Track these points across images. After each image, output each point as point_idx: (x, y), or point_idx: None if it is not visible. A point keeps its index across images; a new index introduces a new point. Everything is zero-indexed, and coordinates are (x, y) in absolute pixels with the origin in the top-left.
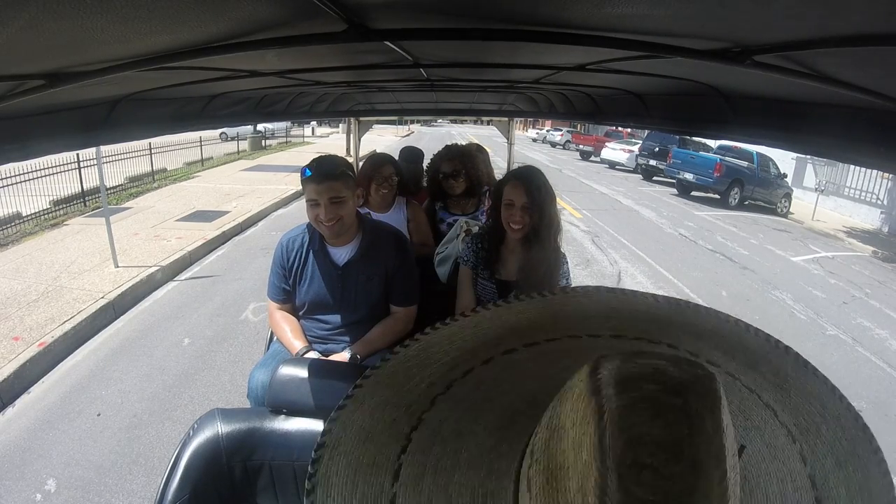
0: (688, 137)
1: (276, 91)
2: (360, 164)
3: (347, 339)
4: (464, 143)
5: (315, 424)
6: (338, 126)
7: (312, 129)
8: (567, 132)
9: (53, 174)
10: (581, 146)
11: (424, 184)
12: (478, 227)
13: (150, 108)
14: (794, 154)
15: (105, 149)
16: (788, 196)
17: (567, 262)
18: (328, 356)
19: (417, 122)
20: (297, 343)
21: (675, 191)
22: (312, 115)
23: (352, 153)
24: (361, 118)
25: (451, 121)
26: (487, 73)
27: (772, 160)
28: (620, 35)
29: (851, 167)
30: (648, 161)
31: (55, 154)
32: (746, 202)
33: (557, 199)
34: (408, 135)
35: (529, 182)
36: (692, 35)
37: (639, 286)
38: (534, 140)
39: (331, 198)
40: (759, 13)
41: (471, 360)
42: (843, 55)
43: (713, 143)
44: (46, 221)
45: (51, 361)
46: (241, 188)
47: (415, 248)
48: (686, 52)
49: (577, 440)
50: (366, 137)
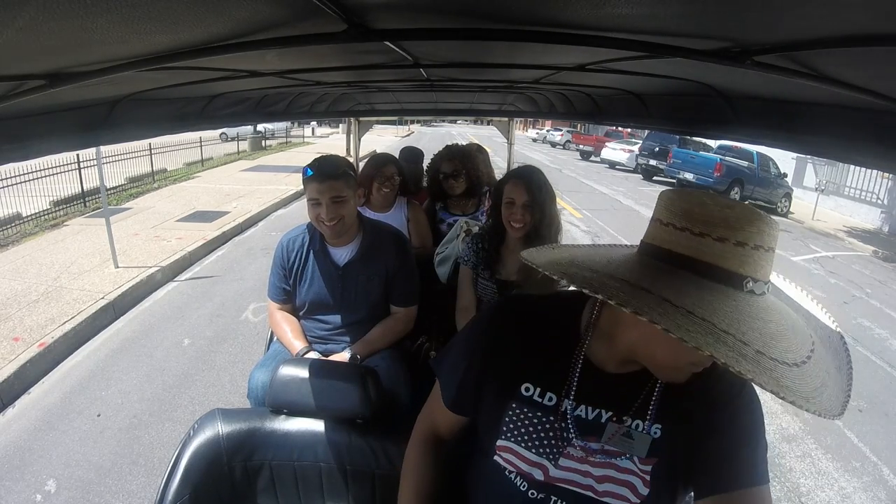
0: (688, 137)
1: (277, 91)
2: (361, 164)
3: (347, 340)
4: (464, 144)
5: (315, 424)
6: (338, 126)
7: (312, 130)
8: (567, 132)
9: (53, 175)
10: (581, 146)
11: (424, 184)
12: (478, 228)
13: (151, 108)
14: (794, 154)
15: (105, 149)
16: (789, 196)
17: None
18: (328, 356)
19: (417, 123)
20: (298, 343)
21: None
22: (312, 116)
23: (352, 153)
24: (361, 118)
25: (451, 121)
26: (487, 74)
27: (772, 160)
28: (620, 35)
29: (851, 167)
30: (648, 161)
31: (55, 154)
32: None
33: (557, 199)
34: (408, 135)
35: (530, 181)
36: (692, 35)
37: None
38: (534, 140)
39: (332, 197)
40: (759, 13)
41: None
42: (843, 55)
43: (713, 143)
44: (46, 222)
45: (51, 362)
46: (242, 188)
47: (414, 249)
48: (686, 53)
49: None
50: (365, 138)
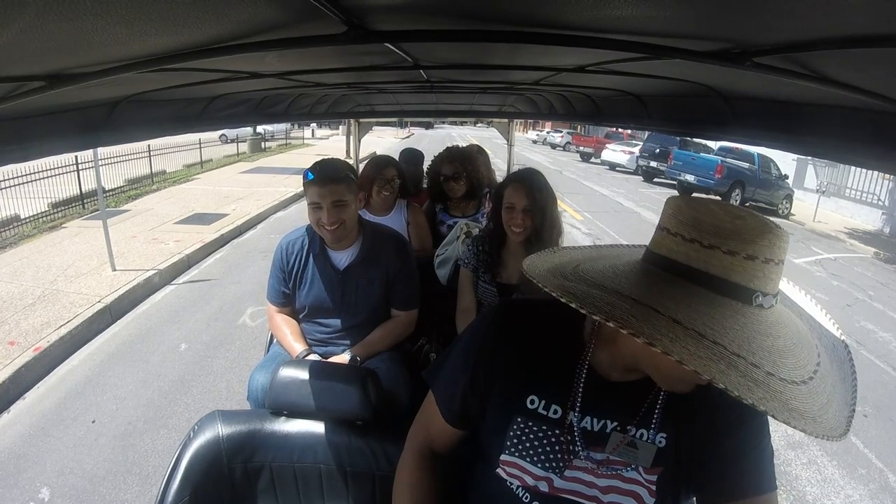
0: (688, 139)
1: (277, 92)
2: (361, 167)
3: (347, 342)
4: (464, 145)
5: (315, 426)
6: (338, 128)
7: (312, 131)
8: (567, 134)
9: (52, 176)
10: (581, 148)
11: (425, 185)
12: (478, 229)
13: (151, 110)
14: (795, 155)
15: (104, 151)
16: (790, 197)
17: None
18: (328, 358)
19: (421, 126)
20: (298, 346)
21: (677, 192)
22: (313, 117)
23: (352, 155)
24: (361, 120)
25: (452, 122)
26: (487, 75)
27: (773, 161)
28: (620, 36)
29: (852, 168)
30: (649, 163)
31: (56, 155)
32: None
33: (559, 202)
34: (408, 136)
35: (530, 184)
36: (691, 36)
37: None
38: (534, 142)
39: (333, 201)
40: (759, 15)
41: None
42: (842, 56)
43: (714, 145)
44: (44, 224)
45: (46, 366)
46: (241, 190)
47: (413, 252)
48: (685, 54)
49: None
50: (365, 139)
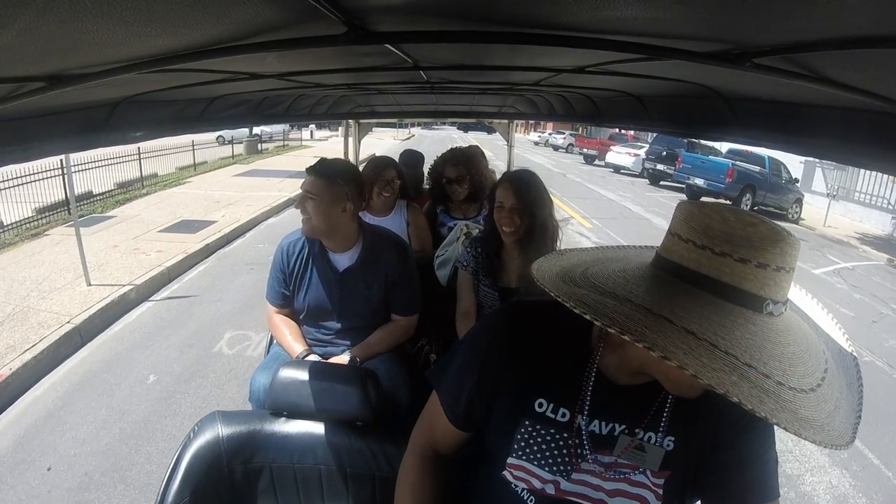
0: (695, 141)
1: (277, 93)
2: (361, 168)
3: (347, 343)
4: (466, 146)
5: (315, 427)
6: (337, 129)
7: (311, 133)
8: (570, 135)
9: (39, 180)
10: (585, 150)
11: (426, 186)
12: (478, 230)
13: (151, 110)
14: (803, 157)
15: (95, 153)
16: (800, 201)
17: None
18: (328, 359)
19: (418, 126)
20: (298, 346)
21: (685, 196)
22: (312, 118)
23: (351, 157)
24: (362, 120)
25: (452, 123)
26: (487, 76)
27: (783, 164)
28: (620, 37)
29: (861, 171)
30: (655, 165)
31: (55, 156)
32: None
33: (566, 207)
34: (408, 138)
35: (518, 184)
36: (691, 37)
37: None
38: (536, 143)
39: (306, 191)
40: (759, 15)
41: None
42: (843, 57)
43: (722, 147)
44: (27, 231)
45: (7, 398)
46: (232, 195)
47: (413, 253)
48: (685, 55)
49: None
50: (364, 141)
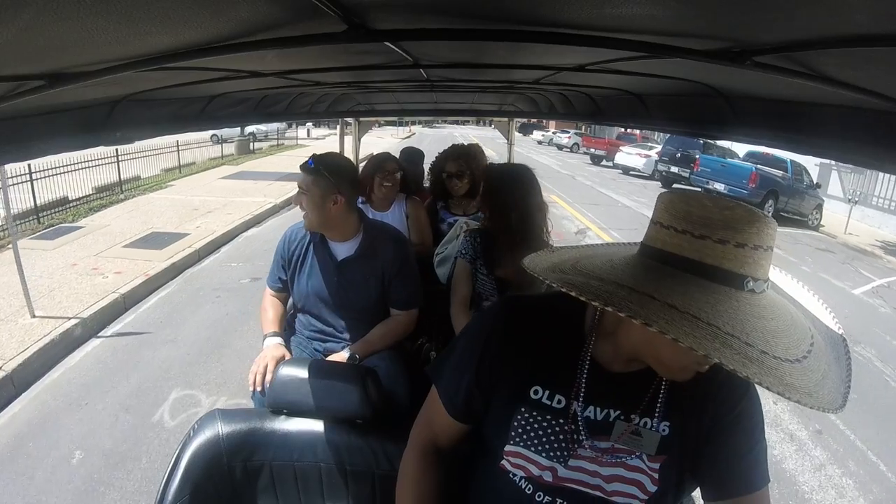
0: (711, 142)
1: (277, 91)
2: (362, 167)
3: (346, 337)
4: (467, 144)
5: (315, 425)
6: (335, 128)
7: (308, 131)
8: (575, 134)
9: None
10: (592, 150)
11: (427, 184)
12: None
13: (151, 109)
14: (818, 160)
15: (73, 155)
16: (820, 207)
17: None
18: (328, 356)
19: (419, 124)
20: (269, 328)
21: None
22: (313, 116)
23: (348, 156)
24: (362, 119)
25: (454, 121)
26: (487, 74)
27: (805, 168)
28: (620, 35)
29: (879, 175)
30: (669, 167)
31: (55, 155)
32: (779, 215)
33: (580, 216)
34: (408, 136)
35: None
36: (692, 35)
37: None
38: (539, 142)
39: (299, 186)
40: (759, 13)
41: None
42: (843, 55)
43: (740, 150)
44: None
45: None
46: (214, 200)
47: (413, 246)
48: (686, 53)
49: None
50: (364, 140)
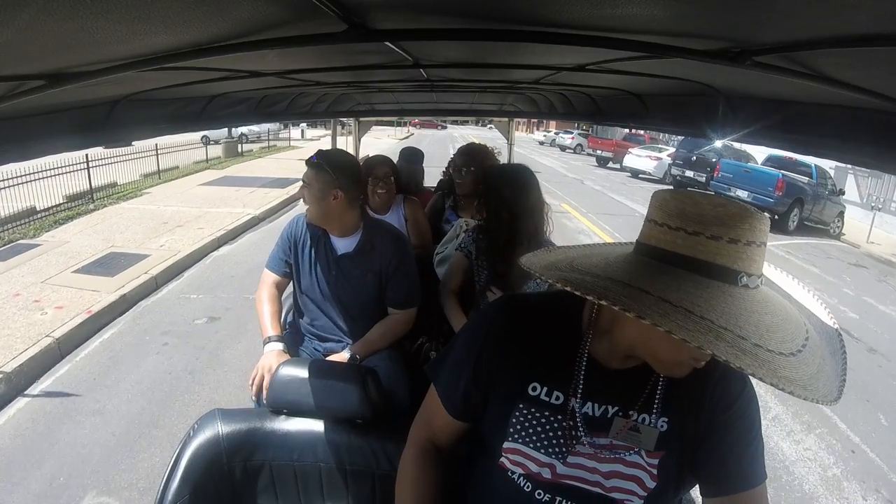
0: (729, 144)
1: (277, 91)
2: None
3: (343, 336)
4: (479, 143)
5: (315, 425)
6: (331, 128)
7: (302, 132)
8: (579, 135)
9: None
10: (599, 151)
11: (442, 176)
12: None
13: (151, 109)
14: (833, 163)
15: (44, 161)
16: (842, 215)
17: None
18: (328, 356)
19: (417, 125)
20: (270, 330)
21: None
22: (313, 116)
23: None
24: (362, 119)
25: (452, 122)
26: (487, 74)
27: (828, 173)
28: (620, 35)
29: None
30: (684, 171)
31: (55, 155)
32: (801, 224)
33: (598, 230)
34: (406, 137)
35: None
36: (692, 35)
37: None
38: (540, 143)
39: (302, 180)
40: (759, 13)
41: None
42: (843, 55)
43: (758, 154)
44: None
45: None
46: (188, 211)
47: (413, 248)
48: (686, 53)
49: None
50: (362, 140)
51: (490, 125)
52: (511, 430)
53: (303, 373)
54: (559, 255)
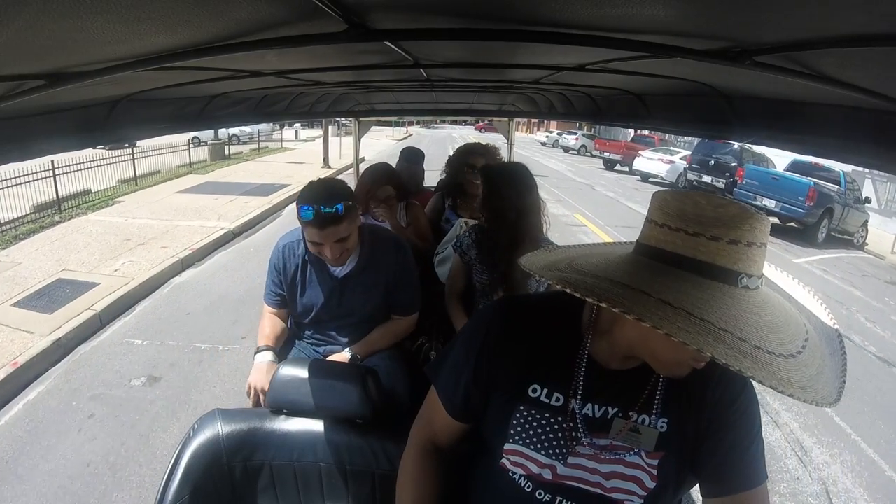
0: (747, 147)
1: (277, 91)
2: (362, 167)
3: (347, 340)
4: (485, 143)
5: (315, 425)
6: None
7: (296, 133)
8: (583, 136)
9: None
10: (607, 154)
11: (442, 176)
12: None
13: (151, 109)
14: (849, 167)
15: (14, 167)
16: (866, 224)
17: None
18: (328, 356)
19: (417, 124)
20: (262, 342)
21: None
22: (313, 115)
23: (330, 164)
24: (362, 118)
25: (452, 122)
26: (487, 74)
27: (856, 181)
28: (620, 35)
29: None
30: (701, 176)
31: (55, 154)
32: (829, 236)
33: (605, 237)
34: (405, 137)
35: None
36: (692, 35)
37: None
38: (543, 144)
39: (336, 240)
40: (759, 13)
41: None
42: (843, 55)
43: (778, 158)
44: None
45: None
46: (156, 225)
47: (413, 242)
48: (686, 53)
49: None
50: (353, 141)
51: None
52: (512, 432)
53: (303, 373)
54: (559, 255)
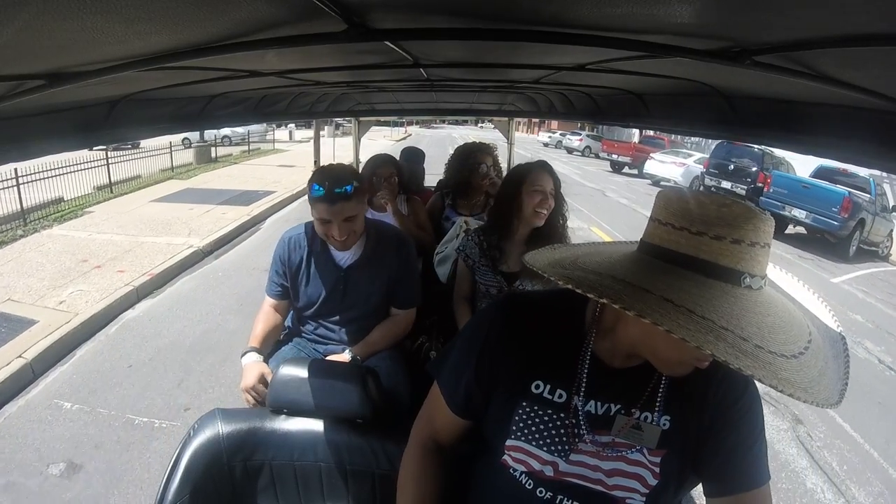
0: (768, 150)
1: (277, 91)
2: (361, 168)
3: (347, 340)
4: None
5: (316, 424)
6: (323, 129)
7: (290, 133)
8: (587, 136)
9: None
10: (615, 156)
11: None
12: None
13: (150, 108)
14: (866, 171)
15: None
16: (891, 234)
17: None
18: (328, 357)
19: (416, 124)
20: (252, 343)
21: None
22: (313, 115)
23: (317, 162)
24: (362, 118)
25: (452, 121)
26: (487, 73)
27: (884, 189)
28: (620, 35)
29: None
30: (720, 182)
31: (55, 154)
32: (858, 248)
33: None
34: (404, 138)
35: (552, 170)
36: (692, 35)
37: None
38: (545, 145)
39: (345, 218)
40: (759, 13)
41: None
42: (843, 55)
43: (800, 163)
44: None
45: None
46: (120, 242)
47: (413, 231)
48: (686, 52)
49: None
50: (347, 143)
51: (482, 125)
52: (514, 428)
53: (303, 373)
54: (564, 253)
